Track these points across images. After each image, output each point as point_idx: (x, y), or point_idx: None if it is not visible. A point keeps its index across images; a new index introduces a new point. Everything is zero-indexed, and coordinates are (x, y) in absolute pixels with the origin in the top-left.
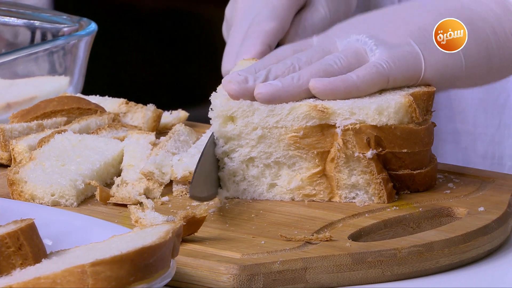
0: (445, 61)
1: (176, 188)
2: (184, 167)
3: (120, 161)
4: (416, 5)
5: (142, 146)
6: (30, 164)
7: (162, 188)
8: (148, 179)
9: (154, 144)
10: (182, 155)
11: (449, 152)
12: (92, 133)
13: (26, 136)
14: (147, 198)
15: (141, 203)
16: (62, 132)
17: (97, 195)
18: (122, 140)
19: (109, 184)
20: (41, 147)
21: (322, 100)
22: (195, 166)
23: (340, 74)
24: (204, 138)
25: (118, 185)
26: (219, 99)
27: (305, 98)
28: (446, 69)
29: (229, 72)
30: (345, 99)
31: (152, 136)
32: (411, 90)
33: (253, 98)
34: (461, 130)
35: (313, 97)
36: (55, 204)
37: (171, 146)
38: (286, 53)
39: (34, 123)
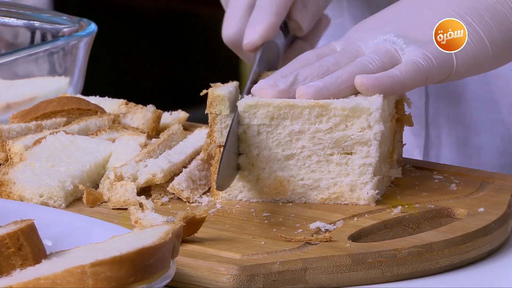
0: (474, 53)
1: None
2: (147, 171)
3: None
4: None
5: (131, 148)
6: (20, 165)
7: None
8: (118, 181)
9: (145, 145)
10: (149, 161)
11: (486, 144)
12: (92, 134)
13: (24, 137)
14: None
15: (141, 204)
16: (55, 133)
17: (84, 198)
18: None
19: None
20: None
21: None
22: (220, 157)
23: (377, 72)
24: (186, 142)
25: (108, 189)
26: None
27: (346, 96)
28: (475, 60)
29: (230, 37)
30: (388, 95)
31: (142, 138)
32: None
33: (290, 98)
34: (497, 119)
35: (353, 94)
36: (44, 205)
37: (157, 151)
38: (309, 58)
39: (32, 124)
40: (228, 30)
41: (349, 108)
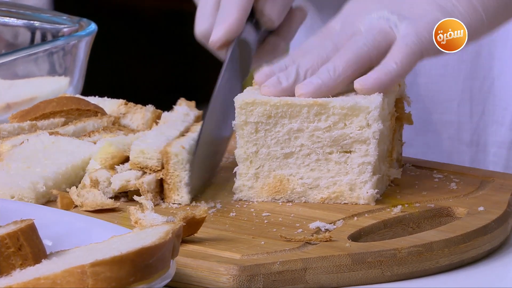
0: (468, 22)
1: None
2: (120, 177)
3: None
4: None
5: None
6: None
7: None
8: (92, 186)
9: None
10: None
11: (436, 142)
12: (85, 135)
13: (15, 137)
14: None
15: (140, 204)
16: (37, 134)
17: (58, 202)
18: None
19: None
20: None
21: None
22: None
23: (371, 56)
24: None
25: (77, 195)
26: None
27: (345, 88)
28: (470, 29)
29: (202, 33)
30: (390, 89)
31: None
32: None
33: (292, 95)
34: (445, 120)
35: (351, 85)
36: None
37: None
38: (313, 44)
39: (26, 124)
40: (199, 27)
41: (348, 107)
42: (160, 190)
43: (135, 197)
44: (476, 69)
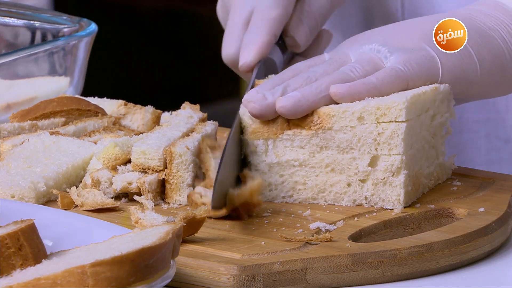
0: (461, 65)
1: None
2: (122, 178)
3: None
4: (427, 19)
5: None
6: None
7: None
8: (93, 186)
9: None
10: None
11: (472, 140)
12: (85, 135)
13: (15, 136)
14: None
15: (141, 204)
16: (38, 134)
17: (59, 202)
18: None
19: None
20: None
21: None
22: (215, 175)
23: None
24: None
25: (77, 195)
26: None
27: (325, 105)
28: (462, 73)
29: (230, 57)
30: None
31: None
32: None
33: (275, 114)
34: (483, 118)
35: (333, 103)
36: None
37: None
38: (301, 68)
39: (26, 123)
40: (227, 51)
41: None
42: (161, 190)
43: (136, 197)
44: None
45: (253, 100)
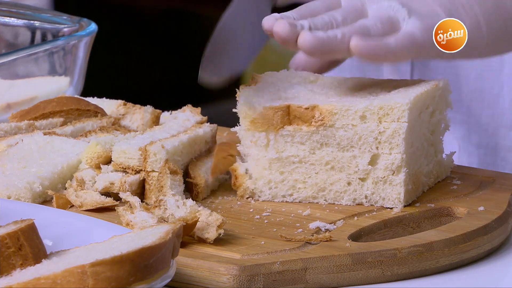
0: (470, 37)
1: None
2: (105, 178)
3: None
4: None
5: None
6: None
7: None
8: (78, 186)
9: None
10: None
11: (446, 141)
12: (82, 135)
13: (11, 136)
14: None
15: (127, 202)
16: (32, 134)
17: (54, 202)
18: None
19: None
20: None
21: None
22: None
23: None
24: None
25: (76, 195)
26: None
27: (342, 57)
28: (469, 43)
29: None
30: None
31: None
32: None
33: (295, 46)
34: (457, 119)
35: (349, 56)
36: None
37: None
38: (318, 8)
39: (23, 123)
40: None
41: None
42: (141, 191)
43: (121, 194)
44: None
45: (282, 22)
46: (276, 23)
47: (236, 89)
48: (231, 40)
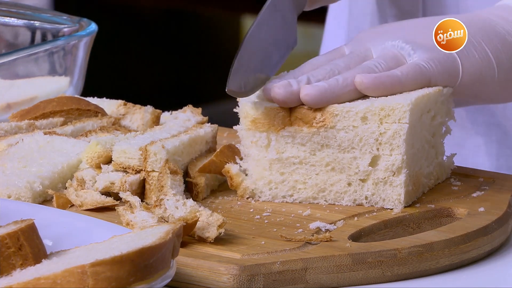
0: (480, 68)
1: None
2: (106, 178)
3: None
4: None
5: None
6: None
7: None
8: (79, 185)
9: None
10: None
11: (482, 146)
12: (82, 135)
13: (11, 136)
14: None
15: (128, 202)
16: (33, 133)
17: (54, 202)
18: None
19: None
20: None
21: (368, 95)
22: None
23: None
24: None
25: (76, 195)
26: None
27: (350, 100)
28: (481, 76)
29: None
30: (389, 95)
31: None
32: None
33: (297, 102)
34: (492, 122)
35: (357, 98)
36: None
37: None
38: (321, 61)
39: (24, 123)
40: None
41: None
42: (141, 191)
43: (121, 194)
44: None
45: (277, 85)
46: (272, 90)
47: None
48: (258, 51)
